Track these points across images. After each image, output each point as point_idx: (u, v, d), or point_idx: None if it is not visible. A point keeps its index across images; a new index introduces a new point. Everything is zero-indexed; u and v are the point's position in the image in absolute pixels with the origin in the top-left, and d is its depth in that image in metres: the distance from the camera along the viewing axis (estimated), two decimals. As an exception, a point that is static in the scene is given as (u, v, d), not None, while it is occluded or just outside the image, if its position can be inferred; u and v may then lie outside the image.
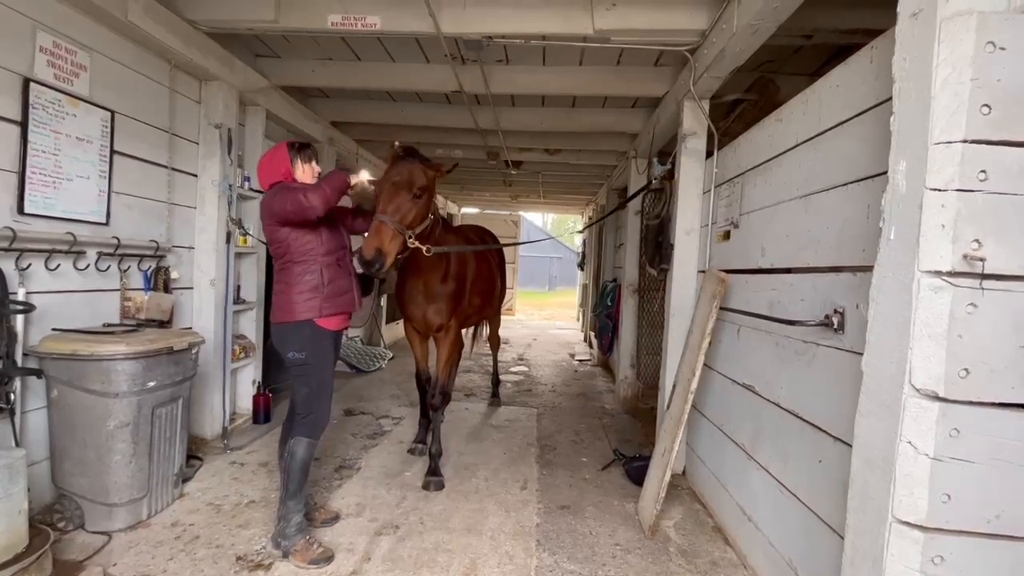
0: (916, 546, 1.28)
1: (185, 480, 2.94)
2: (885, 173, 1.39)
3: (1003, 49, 1.21)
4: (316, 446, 2.44)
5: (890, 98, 1.39)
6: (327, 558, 2.32)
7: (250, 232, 3.95)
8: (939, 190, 1.24)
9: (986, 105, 1.22)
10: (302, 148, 2.50)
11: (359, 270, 2.58)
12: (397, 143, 2.88)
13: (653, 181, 3.72)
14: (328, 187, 2.32)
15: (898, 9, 1.37)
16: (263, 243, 4.10)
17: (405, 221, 2.57)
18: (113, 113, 2.88)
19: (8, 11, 2.33)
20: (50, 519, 2.43)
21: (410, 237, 2.60)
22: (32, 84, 2.43)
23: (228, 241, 3.76)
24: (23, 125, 2.40)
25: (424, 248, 2.70)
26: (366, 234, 2.52)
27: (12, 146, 2.38)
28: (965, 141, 1.22)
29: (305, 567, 2.27)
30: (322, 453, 3.56)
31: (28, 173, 2.43)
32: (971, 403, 1.25)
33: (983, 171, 1.23)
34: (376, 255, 2.41)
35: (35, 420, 2.52)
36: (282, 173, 2.44)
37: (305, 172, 2.49)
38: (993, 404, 1.25)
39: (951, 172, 1.23)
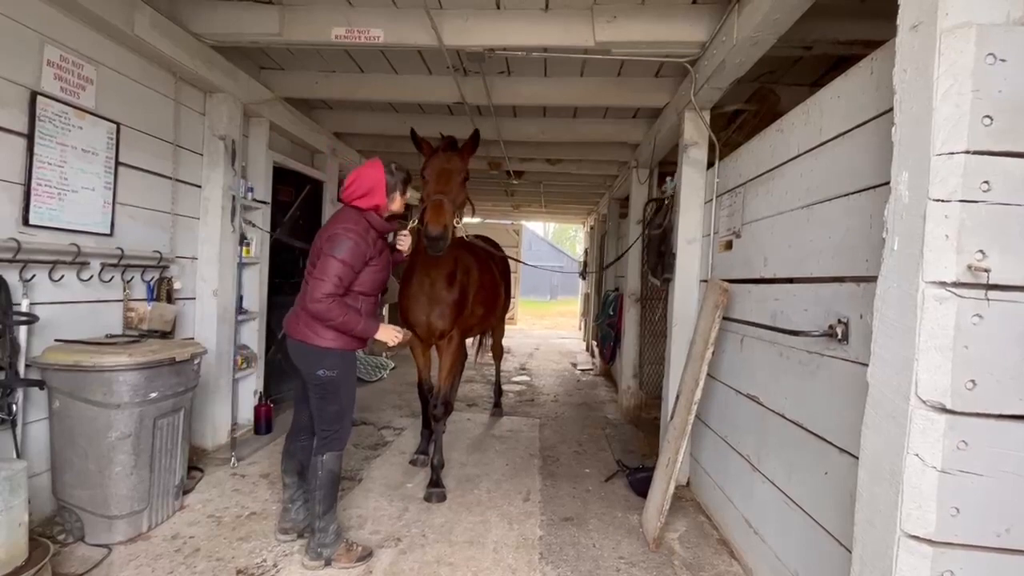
0: (925, 561, 1.26)
1: (186, 492, 2.92)
2: (887, 183, 1.39)
3: (1003, 60, 1.22)
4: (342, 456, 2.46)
5: (891, 109, 1.39)
6: (369, 553, 2.45)
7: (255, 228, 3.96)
8: (942, 201, 1.24)
9: (988, 116, 1.22)
10: (407, 181, 2.45)
11: (399, 251, 2.62)
12: (440, 134, 3.06)
13: (665, 201, 3.73)
14: (370, 333, 2.33)
15: (898, 21, 1.38)
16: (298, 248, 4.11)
17: (456, 203, 2.74)
18: (119, 125, 2.91)
19: (16, 25, 2.37)
20: (50, 531, 2.41)
21: (455, 219, 2.72)
22: (39, 97, 2.45)
23: (241, 243, 3.78)
24: (30, 137, 2.43)
25: (465, 234, 2.87)
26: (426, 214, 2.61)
27: (18, 158, 2.40)
28: (967, 152, 1.22)
29: (352, 566, 2.36)
30: (323, 464, 3.54)
31: (34, 185, 2.45)
32: (978, 415, 1.24)
33: (986, 182, 1.23)
34: (443, 230, 2.54)
35: (36, 431, 2.51)
36: (374, 201, 2.34)
37: (396, 202, 2.43)
38: (1001, 416, 1.24)
39: (954, 183, 1.23)
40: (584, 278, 10.77)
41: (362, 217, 2.33)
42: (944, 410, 1.24)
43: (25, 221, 2.42)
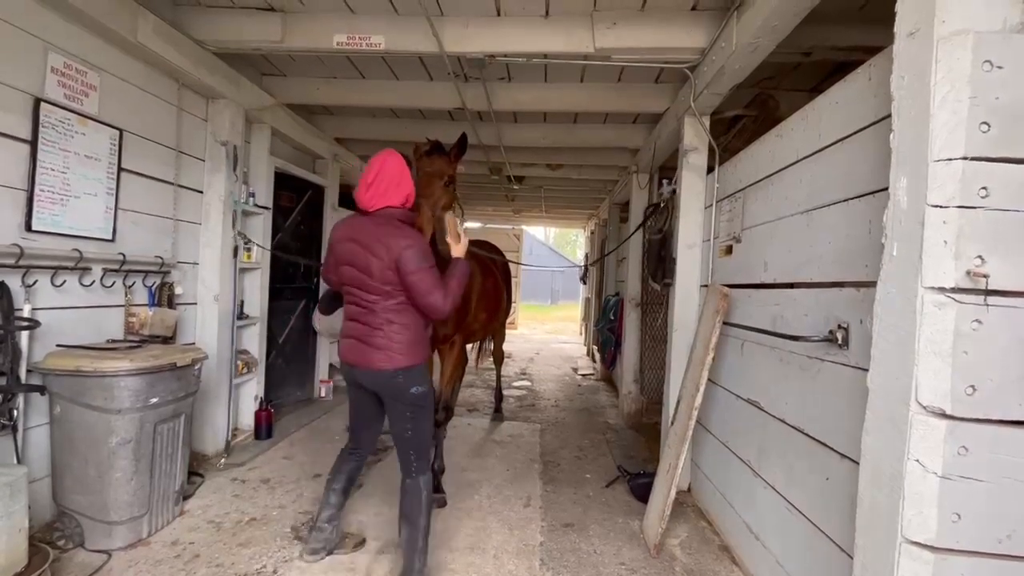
0: (927, 567, 1.26)
1: (186, 497, 2.92)
2: (886, 189, 1.40)
3: (1000, 68, 1.23)
4: None
5: (889, 115, 1.40)
6: None
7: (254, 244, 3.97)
8: (940, 207, 1.24)
9: (985, 123, 1.23)
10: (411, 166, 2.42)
11: None
12: (426, 138, 3.01)
13: (662, 204, 3.74)
14: (465, 272, 2.28)
15: (895, 28, 1.39)
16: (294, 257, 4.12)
17: (437, 206, 2.70)
18: (121, 131, 2.92)
19: (21, 33, 2.39)
20: (50, 537, 2.41)
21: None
22: (43, 104, 2.47)
23: (235, 255, 3.78)
24: (33, 143, 2.44)
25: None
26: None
27: (22, 164, 2.41)
28: (965, 158, 1.23)
29: None
30: (324, 469, 3.53)
31: (36, 191, 2.46)
32: (978, 420, 1.24)
33: (984, 188, 1.23)
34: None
35: (37, 437, 2.51)
36: (407, 189, 2.29)
37: None
38: (1001, 422, 1.24)
39: (952, 189, 1.24)
40: (585, 282, 10.78)
41: (395, 220, 2.21)
42: (944, 415, 1.25)
43: (28, 227, 2.43)
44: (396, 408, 2.22)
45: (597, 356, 7.75)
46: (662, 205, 3.76)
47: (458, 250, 2.37)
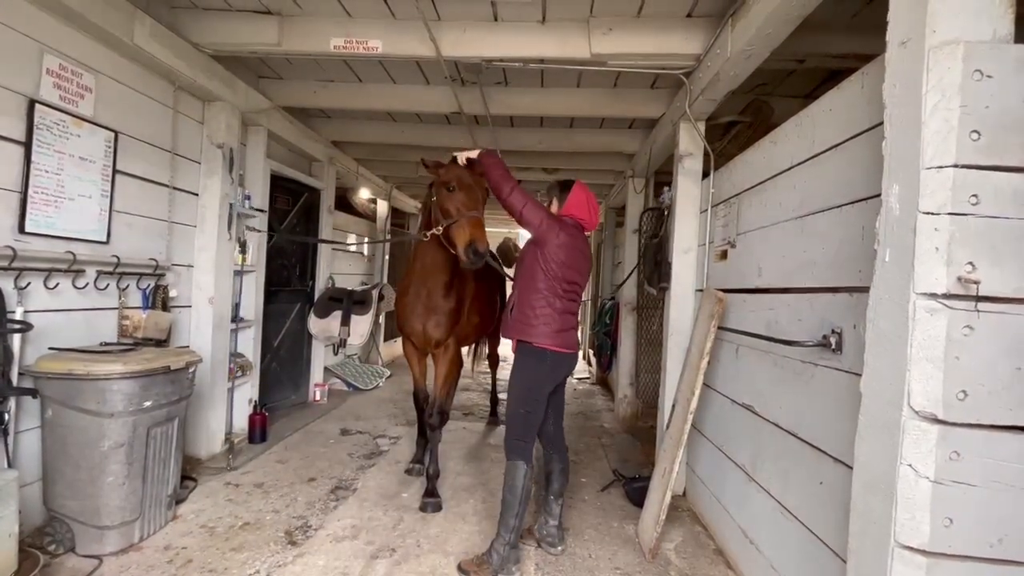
0: (919, 572, 1.27)
1: (179, 502, 2.90)
2: (879, 195, 1.41)
3: (990, 77, 1.24)
4: None
5: (882, 122, 1.42)
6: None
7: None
8: (932, 213, 1.26)
9: (975, 131, 1.25)
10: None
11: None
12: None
13: (664, 211, 3.76)
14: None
15: (887, 37, 1.41)
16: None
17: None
18: (117, 133, 2.91)
19: (16, 34, 2.38)
20: (40, 542, 2.38)
21: None
22: (37, 105, 2.46)
23: (241, 251, 3.78)
24: (27, 145, 2.43)
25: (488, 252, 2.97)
26: (459, 228, 2.74)
27: (16, 166, 2.40)
28: (956, 166, 1.25)
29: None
30: (318, 473, 3.52)
31: (30, 192, 2.44)
32: (970, 425, 1.25)
33: (975, 195, 1.25)
34: (487, 247, 2.73)
35: (28, 440, 2.49)
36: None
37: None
38: (992, 427, 1.25)
39: (943, 196, 1.25)
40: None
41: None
42: (936, 420, 1.26)
43: (21, 229, 2.41)
44: (561, 385, 2.71)
45: (593, 360, 7.75)
46: (665, 212, 3.78)
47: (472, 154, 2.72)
